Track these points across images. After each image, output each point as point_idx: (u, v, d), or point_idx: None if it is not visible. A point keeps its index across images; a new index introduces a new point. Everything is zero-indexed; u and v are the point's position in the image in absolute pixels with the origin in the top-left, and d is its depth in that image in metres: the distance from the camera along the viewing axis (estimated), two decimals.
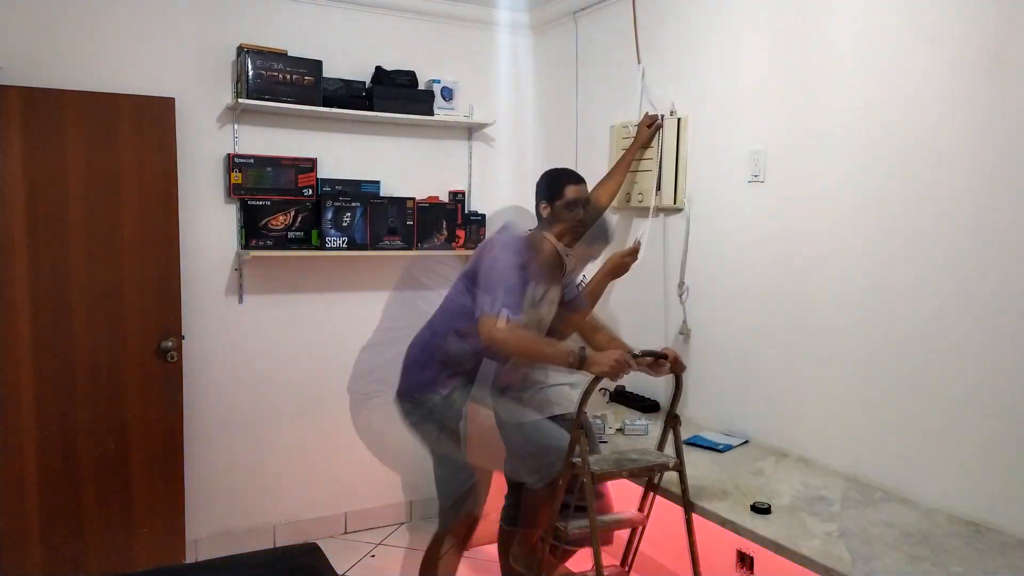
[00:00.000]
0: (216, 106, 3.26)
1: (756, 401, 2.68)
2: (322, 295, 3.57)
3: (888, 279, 2.20)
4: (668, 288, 3.05)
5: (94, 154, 2.88)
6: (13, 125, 2.75)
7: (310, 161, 3.41)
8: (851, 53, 2.30)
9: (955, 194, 2.02)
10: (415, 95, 3.54)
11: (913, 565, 1.73)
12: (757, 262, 2.66)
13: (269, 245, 3.32)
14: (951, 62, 2.03)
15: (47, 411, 2.87)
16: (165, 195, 3.01)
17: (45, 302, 2.84)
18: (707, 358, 2.88)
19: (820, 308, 2.42)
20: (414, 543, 3.61)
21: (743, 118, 2.70)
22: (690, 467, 2.38)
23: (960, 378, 2.03)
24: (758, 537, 1.91)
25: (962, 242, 2.01)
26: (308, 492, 3.61)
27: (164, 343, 3.04)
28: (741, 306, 2.73)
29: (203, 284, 3.29)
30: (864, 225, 2.27)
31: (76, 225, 2.88)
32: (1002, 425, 1.93)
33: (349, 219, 3.41)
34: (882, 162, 2.21)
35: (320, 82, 3.30)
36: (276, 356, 3.48)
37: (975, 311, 1.99)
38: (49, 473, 2.89)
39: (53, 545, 2.91)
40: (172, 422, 3.09)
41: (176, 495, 3.12)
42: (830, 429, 2.41)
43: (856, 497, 2.15)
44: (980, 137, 1.96)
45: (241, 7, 3.27)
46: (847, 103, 2.31)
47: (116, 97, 2.91)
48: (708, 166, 2.86)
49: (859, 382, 2.30)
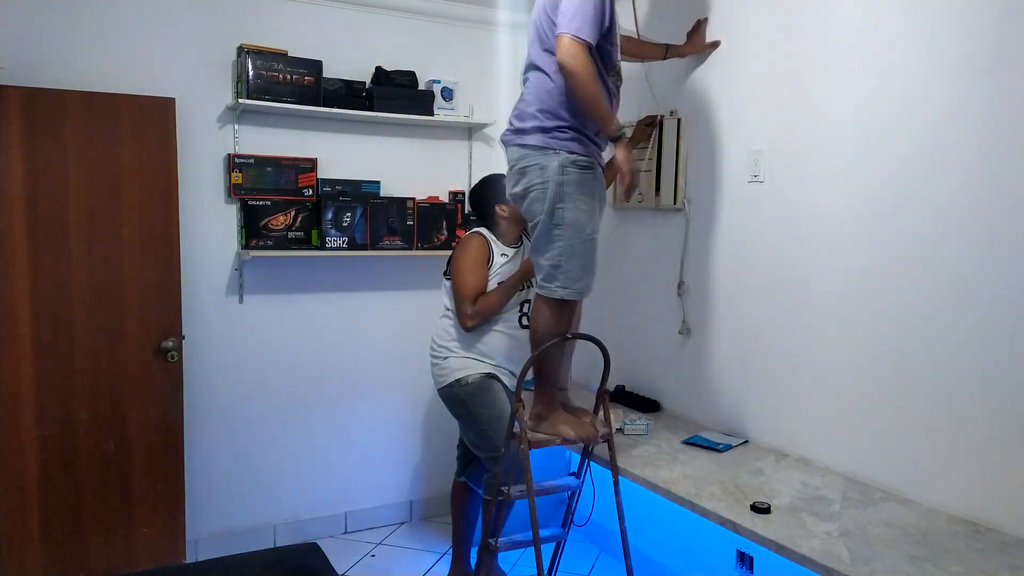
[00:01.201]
0: (216, 106, 3.26)
1: (756, 401, 2.68)
2: (322, 295, 3.57)
3: (888, 279, 2.21)
4: (668, 288, 3.05)
5: (94, 154, 2.88)
6: (13, 125, 2.75)
7: (310, 161, 3.41)
8: (850, 53, 2.30)
9: (955, 194, 2.02)
10: (415, 95, 3.54)
11: (913, 565, 1.73)
12: (757, 262, 2.66)
13: (269, 245, 3.32)
14: (950, 62, 2.03)
15: (47, 411, 2.87)
16: (165, 195, 3.01)
17: (45, 302, 2.84)
18: (707, 358, 2.88)
19: (820, 308, 2.43)
20: (414, 543, 3.62)
21: (743, 118, 2.70)
22: (690, 467, 2.39)
23: (960, 378, 2.03)
24: (758, 537, 1.91)
25: (961, 242, 2.01)
26: (308, 492, 3.61)
27: (164, 343, 3.04)
28: (741, 306, 2.73)
29: (203, 284, 3.29)
30: (864, 225, 2.27)
31: (76, 225, 2.87)
32: (1002, 425, 1.93)
33: (349, 219, 3.42)
34: (881, 162, 2.21)
35: (320, 82, 3.30)
36: (276, 356, 3.49)
37: (975, 311, 1.99)
38: (49, 473, 2.89)
39: (53, 545, 2.91)
40: (172, 422, 3.09)
41: (176, 495, 3.12)
42: (830, 429, 2.41)
43: (856, 497, 2.15)
44: (979, 137, 1.96)
45: (241, 7, 3.28)
46: (847, 103, 2.31)
47: (116, 97, 2.91)
48: (708, 166, 2.86)
49: (859, 382, 2.30)
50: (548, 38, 2.23)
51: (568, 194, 2.20)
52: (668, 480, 2.27)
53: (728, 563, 2.63)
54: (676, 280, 3.00)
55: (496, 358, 2.82)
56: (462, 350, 2.81)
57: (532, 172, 2.24)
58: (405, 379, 3.79)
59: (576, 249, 2.23)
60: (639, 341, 3.24)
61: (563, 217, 2.21)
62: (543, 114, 2.25)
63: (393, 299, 3.73)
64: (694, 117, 2.91)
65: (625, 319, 3.29)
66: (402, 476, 3.84)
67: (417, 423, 3.85)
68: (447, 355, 2.83)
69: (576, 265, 2.24)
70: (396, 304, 3.74)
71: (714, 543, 2.69)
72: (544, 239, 2.26)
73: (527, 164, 2.26)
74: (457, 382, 2.77)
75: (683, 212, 2.96)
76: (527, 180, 2.26)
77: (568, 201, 2.20)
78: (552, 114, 2.23)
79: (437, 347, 2.88)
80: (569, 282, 2.24)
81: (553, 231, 2.22)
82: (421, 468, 3.89)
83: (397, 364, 3.76)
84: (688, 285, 2.97)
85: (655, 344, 3.16)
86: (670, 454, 2.53)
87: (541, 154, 2.23)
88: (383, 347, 3.72)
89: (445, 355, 2.84)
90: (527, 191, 2.26)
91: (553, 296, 2.26)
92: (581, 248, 2.23)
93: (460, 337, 2.82)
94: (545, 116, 2.24)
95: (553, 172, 2.20)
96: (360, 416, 3.70)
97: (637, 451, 2.54)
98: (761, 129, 2.62)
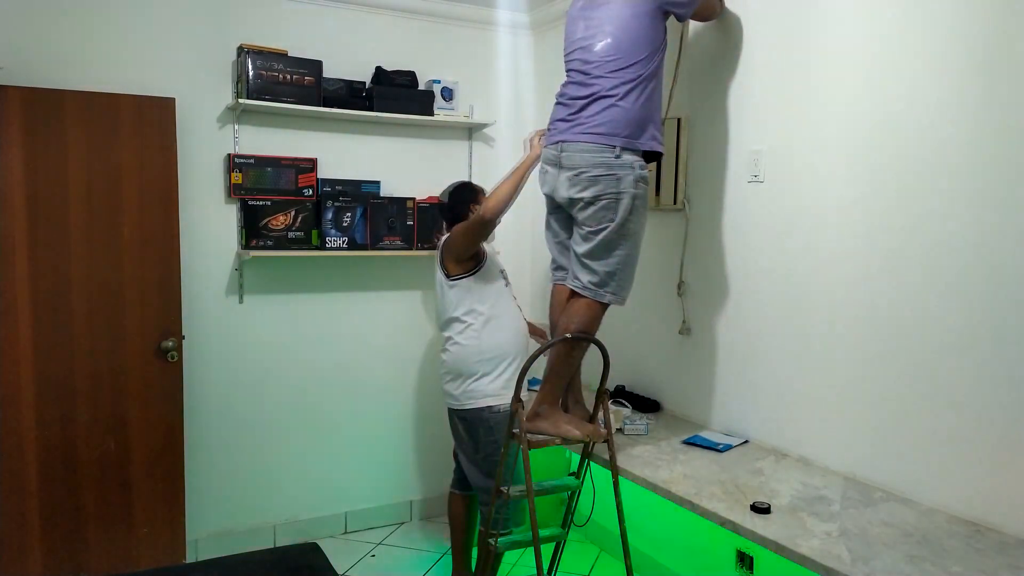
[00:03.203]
0: (216, 106, 3.26)
1: (756, 401, 2.68)
2: (322, 295, 3.57)
3: (887, 278, 2.20)
4: (668, 288, 3.05)
5: (94, 154, 2.89)
6: (13, 125, 2.75)
7: (310, 161, 3.41)
8: (850, 53, 2.30)
9: (955, 194, 2.02)
10: (415, 95, 3.54)
11: (913, 565, 1.73)
12: (757, 262, 2.66)
13: (269, 245, 3.32)
14: (950, 62, 2.03)
15: (47, 411, 2.87)
16: (165, 195, 3.01)
17: (45, 302, 2.84)
18: (707, 358, 2.88)
19: (819, 308, 2.42)
20: (414, 543, 3.62)
21: (743, 118, 2.70)
22: (690, 467, 2.39)
23: (960, 378, 2.03)
24: (758, 537, 1.91)
25: (961, 242, 2.01)
26: (308, 492, 3.61)
27: (164, 343, 3.04)
28: (741, 306, 2.73)
29: (203, 284, 3.30)
30: (863, 225, 2.27)
31: (76, 225, 2.88)
32: (1002, 425, 1.93)
33: (349, 219, 3.42)
34: (881, 162, 2.21)
35: (320, 82, 3.30)
36: (276, 356, 3.49)
37: (975, 310, 1.99)
38: (49, 473, 2.89)
39: (53, 545, 2.91)
40: (172, 422, 3.09)
41: (176, 495, 3.12)
42: (830, 429, 2.40)
43: (856, 497, 2.15)
44: (979, 137, 1.96)
45: (241, 7, 3.28)
46: (846, 103, 2.31)
47: (116, 97, 2.92)
48: (708, 166, 2.86)
49: (859, 382, 2.30)
50: (617, 54, 2.30)
51: (637, 208, 2.31)
52: (668, 480, 2.27)
53: (728, 563, 2.63)
54: (676, 280, 3.00)
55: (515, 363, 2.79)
56: (495, 374, 2.74)
57: (606, 181, 2.27)
58: (405, 379, 3.79)
59: (633, 260, 2.35)
60: (639, 341, 3.24)
61: (631, 229, 2.30)
62: (619, 128, 2.29)
63: (393, 299, 3.73)
64: (694, 117, 2.91)
65: (625, 319, 3.28)
66: (402, 476, 3.84)
67: (417, 423, 3.85)
68: (479, 374, 2.74)
69: (629, 274, 2.35)
70: (396, 304, 3.74)
71: (714, 543, 2.69)
72: (605, 247, 2.30)
73: (602, 173, 2.28)
74: (489, 408, 2.73)
75: (683, 212, 2.96)
76: (599, 188, 2.28)
77: (636, 214, 2.30)
78: (626, 132, 2.29)
79: (465, 363, 2.76)
80: (619, 289, 2.34)
81: (619, 240, 2.30)
82: (421, 468, 3.89)
83: (397, 364, 3.76)
84: (688, 285, 2.97)
85: (655, 344, 3.16)
86: (670, 454, 2.53)
87: (618, 165, 2.27)
88: (383, 347, 3.72)
89: (476, 374, 2.74)
90: (597, 198, 2.28)
91: (601, 300, 2.33)
92: (635, 259, 2.35)
93: (488, 353, 2.74)
94: (621, 131, 2.29)
95: (629, 184, 2.28)
96: (360, 416, 3.70)
97: (637, 451, 2.54)
98: (761, 129, 2.62)
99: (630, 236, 2.31)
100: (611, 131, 2.28)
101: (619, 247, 2.30)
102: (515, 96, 3.94)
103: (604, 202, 2.27)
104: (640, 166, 2.30)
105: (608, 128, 2.28)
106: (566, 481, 2.50)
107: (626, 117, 2.28)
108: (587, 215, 2.31)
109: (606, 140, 2.27)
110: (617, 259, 2.31)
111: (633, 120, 2.29)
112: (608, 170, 2.27)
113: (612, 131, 2.28)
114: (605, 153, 2.27)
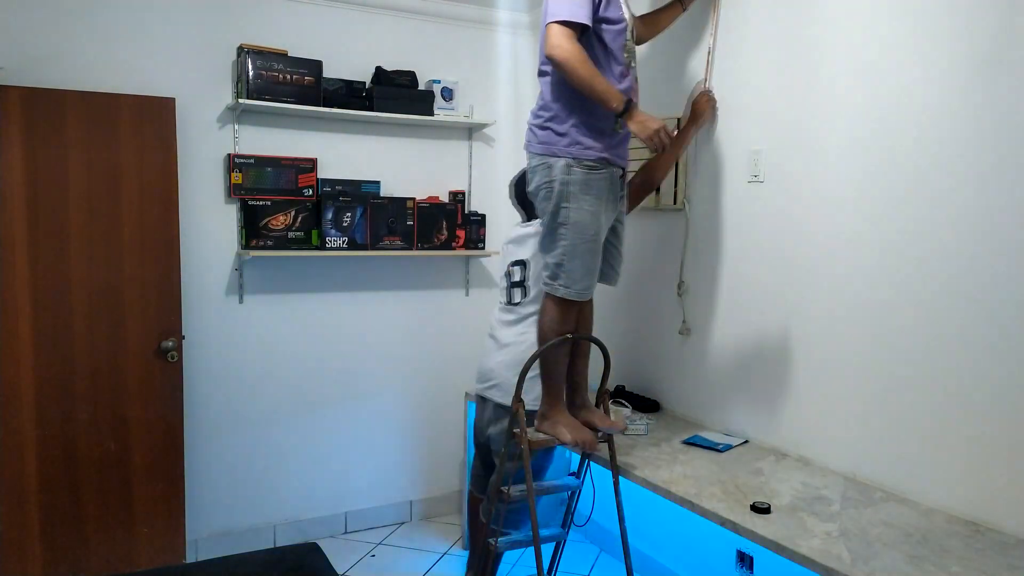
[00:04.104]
0: (216, 106, 3.26)
1: (756, 401, 2.68)
2: (322, 295, 3.57)
3: (887, 278, 2.21)
4: (668, 288, 3.05)
5: (94, 154, 2.89)
6: (13, 125, 2.75)
7: (310, 161, 3.41)
8: (850, 53, 2.30)
9: (955, 194, 2.02)
10: (415, 95, 3.54)
11: (913, 565, 1.73)
12: (757, 262, 2.66)
13: (269, 245, 3.32)
14: (949, 62, 2.03)
15: (47, 411, 2.87)
16: (165, 195, 3.01)
17: (45, 302, 2.84)
18: (707, 358, 2.88)
19: (819, 308, 2.43)
20: (414, 543, 3.62)
21: (743, 118, 2.70)
22: (690, 467, 2.39)
23: (960, 378, 2.03)
24: (758, 537, 1.91)
25: (961, 242, 2.01)
26: (308, 492, 3.61)
27: (164, 343, 3.04)
28: (741, 306, 2.73)
29: (203, 284, 3.30)
30: (863, 225, 2.27)
31: (76, 225, 2.88)
32: (1002, 425, 1.93)
33: (349, 219, 3.42)
34: (881, 162, 2.21)
35: (320, 82, 3.30)
36: (276, 356, 3.49)
37: (975, 310, 1.99)
38: (49, 473, 2.89)
39: (53, 545, 2.91)
40: (172, 422, 3.09)
41: (176, 495, 3.12)
42: (829, 429, 2.41)
43: (856, 497, 2.15)
44: (979, 136, 1.96)
45: (241, 7, 3.28)
46: (846, 103, 2.31)
47: (116, 97, 2.92)
48: (708, 166, 2.86)
49: (858, 382, 2.30)
50: None
51: (572, 194, 2.23)
52: (668, 480, 2.27)
53: (728, 563, 2.63)
54: (676, 280, 3.00)
55: None
56: None
57: (540, 172, 2.29)
58: (405, 379, 3.79)
59: (578, 250, 2.24)
60: (639, 341, 3.24)
61: (567, 216, 2.24)
62: (547, 114, 2.28)
63: (393, 299, 3.73)
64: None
65: (625, 319, 3.29)
66: (402, 476, 3.84)
67: (417, 423, 3.85)
68: (535, 375, 2.40)
69: (578, 265, 2.25)
70: (396, 304, 3.74)
71: (714, 543, 2.69)
72: (549, 238, 2.30)
73: (535, 164, 2.31)
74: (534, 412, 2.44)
75: (683, 212, 2.96)
76: (538, 179, 2.30)
77: (572, 201, 2.24)
78: (555, 114, 2.26)
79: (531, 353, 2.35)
80: (570, 282, 2.26)
81: (557, 230, 2.26)
82: (421, 468, 3.89)
83: (397, 364, 3.76)
84: (688, 285, 2.97)
85: (655, 344, 3.16)
86: (670, 454, 2.53)
87: (547, 155, 2.27)
88: (383, 347, 3.72)
89: (533, 374, 2.38)
90: (537, 191, 2.31)
91: (556, 294, 2.29)
92: (583, 249, 2.25)
93: None
94: (549, 117, 2.27)
95: (559, 172, 2.24)
96: (360, 416, 3.70)
97: (637, 451, 2.54)
98: (761, 129, 2.62)
99: (569, 224, 2.23)
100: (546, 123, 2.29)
101: (561, 237, 2.25)
102: (515, 96, 3.94)
103: (542, 192, 2.29)
104: (573, 153, 2.23)
105: (544, 122, 2.30)
106: (566, 481, 2.50)
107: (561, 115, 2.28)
108: (539, 209, 2.35)
109: (543, 134, 2.30)
110: (561, 249, 2.26)
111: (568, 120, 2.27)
112: (542, 160, 2.29)
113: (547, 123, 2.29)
114: (542, 145, 2.30)
